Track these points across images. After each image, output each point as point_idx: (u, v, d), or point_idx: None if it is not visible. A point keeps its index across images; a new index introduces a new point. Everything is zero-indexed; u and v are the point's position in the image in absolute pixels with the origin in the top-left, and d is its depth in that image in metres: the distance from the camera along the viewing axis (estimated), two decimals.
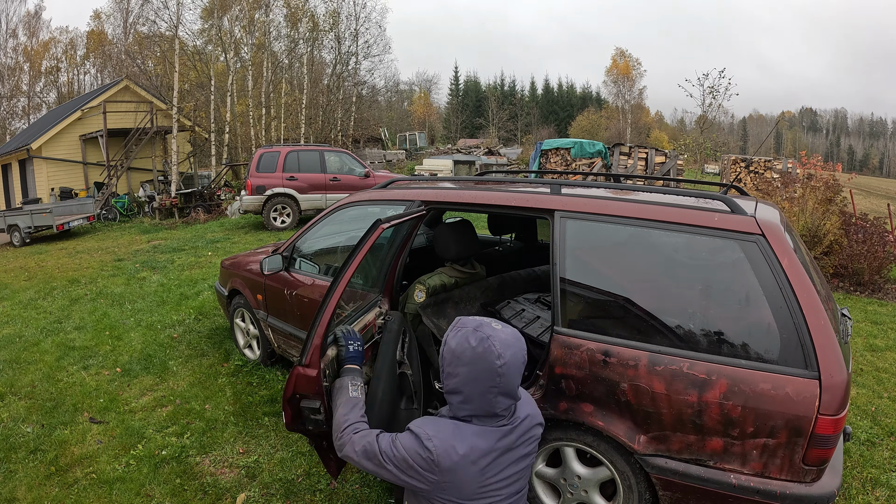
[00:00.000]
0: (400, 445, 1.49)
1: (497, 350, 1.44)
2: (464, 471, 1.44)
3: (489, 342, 1.45)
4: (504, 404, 1.48)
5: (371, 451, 1.56)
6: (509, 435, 1.51)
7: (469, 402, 1.48)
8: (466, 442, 1.45)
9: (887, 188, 35.41)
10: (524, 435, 1.56)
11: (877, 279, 6.88)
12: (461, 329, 1.51)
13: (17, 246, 11.71)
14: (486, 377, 1.44)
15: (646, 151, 16.19)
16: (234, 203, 12.99)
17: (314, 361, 1.97)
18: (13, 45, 38.72)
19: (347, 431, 1.68)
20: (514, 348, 1.48)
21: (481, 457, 1.45)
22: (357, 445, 1.61)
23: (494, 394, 1.45)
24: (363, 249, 2.07)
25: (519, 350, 1.49)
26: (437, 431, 1.47)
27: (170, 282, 7.15)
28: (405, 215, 2.45)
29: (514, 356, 1.46)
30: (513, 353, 1.46)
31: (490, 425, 1.49)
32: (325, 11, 25.55)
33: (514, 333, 1.52)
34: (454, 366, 1.48)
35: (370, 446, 1.56)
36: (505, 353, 1.45)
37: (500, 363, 1.43)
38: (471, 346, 1.46)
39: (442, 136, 53.04)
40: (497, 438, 1.48)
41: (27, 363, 4.55)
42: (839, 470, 2.06)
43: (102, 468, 3.01)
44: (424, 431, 1.48)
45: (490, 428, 1.49)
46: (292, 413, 2.02)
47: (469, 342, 1.47)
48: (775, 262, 1.96)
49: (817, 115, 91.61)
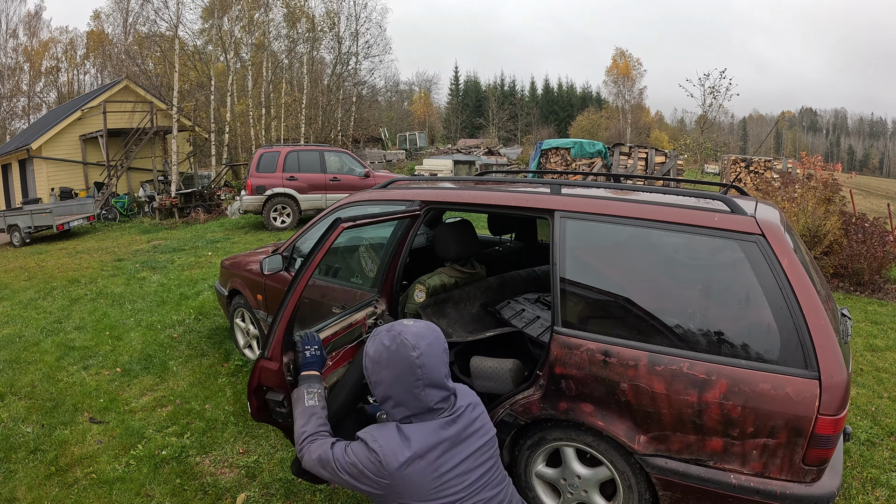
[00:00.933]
0: (351, 452, 1.50)
1: (410, 342, 1.45)
2: (413, 470, 1.42)
3: (401, 337, 1.46)
4: (435, 396, 1.47)
5: (325, 459, 1.56)
6: (453, 425, 1.49)
7: (401, 403, 1.48)
8: (410, 441, 1.44)
9: (887, 188, 35.41)
10: (473, 423, 1.54)
11: (877, 279, 6.88)
12: (376, 336, 1.52)
13: (17, 246, 11.71)
14: (407, 372, 1.44)
15: (646, 151, 16.19)
16: (234, 203, 12.98)
17: (276, 355, 2.01)
18: (13, 45, 38.77)
19: (305, 442, 1.69)
20: (429, 338, 1.49)
21: (428, 451, 1.43)
22: (313, 454, 1.61)
23: (421, 387, 1.45)
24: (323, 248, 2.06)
25: (435, 339, 1.50)
26: (381, 434, 1.47)
27: (170, 282, 7.16)
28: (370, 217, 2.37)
29: (429, 346, 1.47)
30: (428, 342, 1.47)
31: (433, 422, 1.48)
32: (325, 11, 25.59)
33: (427, 325, 1.53)
34: (376, 373, 1.49)
35: (325, 454, 1.57)
36: (419, 344, 1.46)
37: (416, 354, 1.44)
38: (386, 347, 1.47)
39: (442, 136, 53.03)
40: (440, 430, 1.47)
41: (27, 363, 4.55)
42: (839, 470, 2.05)
43: (102, 468, 3.01)
44: (370, 434, 1.49)
45: (436, 427, 1.47)
46: (258, 404, 2.09)
47: (384, 343, 1.48)
48: (775, 262, 1.96)
49: (817, 115, 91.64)
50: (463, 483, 1.46)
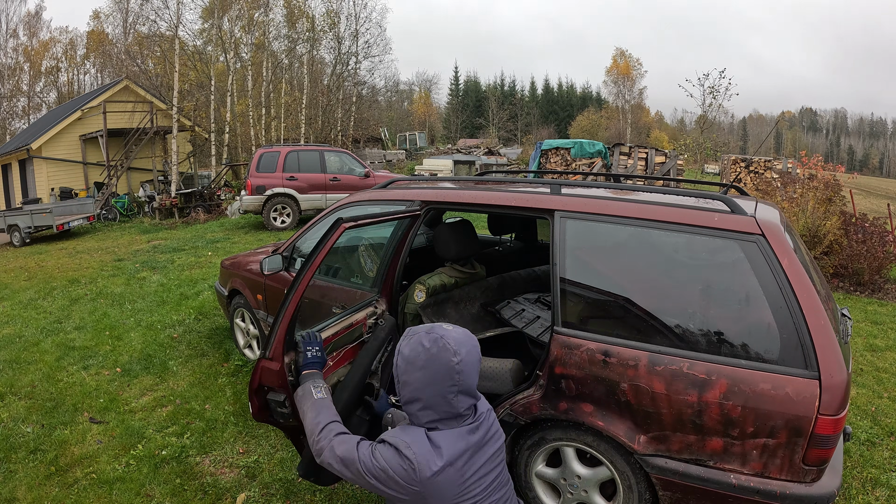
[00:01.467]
0: (380, 456, 1.45)
1: (452, 347, 1.44)
2: (444, 478, 1.41)
3: (443, 341, 1.44)
4: (465, 403, 1.47)
5: (350, 458, 1.51)
6: (476, 431, 1.50)
7: (429, 407, 1.45)
8: (441, 449, 1.42)
9: (887, 188, 35.39)
10: (490, 429, 1.56)
11: (877, 279, 6.88)
12: (413, 335, 1.50)
13: (17, 246, 11.71)
14: (445, 376, 1.43)
15: (646, 151, 16.19)
16: (234, 203, 12.99)
17: (277, 355, 2.00)
18: (13, 45, 38.75)
19: (324, 434, 1.62)
20: (469, 345, 1.48)
21: (457, 458, 1.43)
22: (337, 451, 1.55)
23: (454, 393, 1.44)
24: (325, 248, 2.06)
25: (473, 347, 1.49)
26: (413, 440, 1.44)
27: (170, 282, 7.16)
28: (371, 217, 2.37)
29: (469, 353, 1.46)
30: (468, 350, 1.47)
31: (460, 428, 1.47)
32: (325, 11, 25.58)
33: (465, 332, 1.52)
34: (408, 373, 1.46)
35: (349, 454, 1.51)
36: (461, 350, 1.45)
37: (457, 360, 1.43)
38: (425, 349, 1.44)
39: (442, 136, 53.03)
40: (466, 436, 1.47)
41: (27, 363, 4.55)
42: (839, 470, 2.05)
43: (102, 468, 3.01)
44: (402, 440, 1.44)
45: (463, 433, 1.47)
46: (259, 404, 2.09)
47: (423, 345, 1.45)
48: (775, 262, 1.96)
49: (817, 114, 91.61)
50: (481, 486, 1.49)
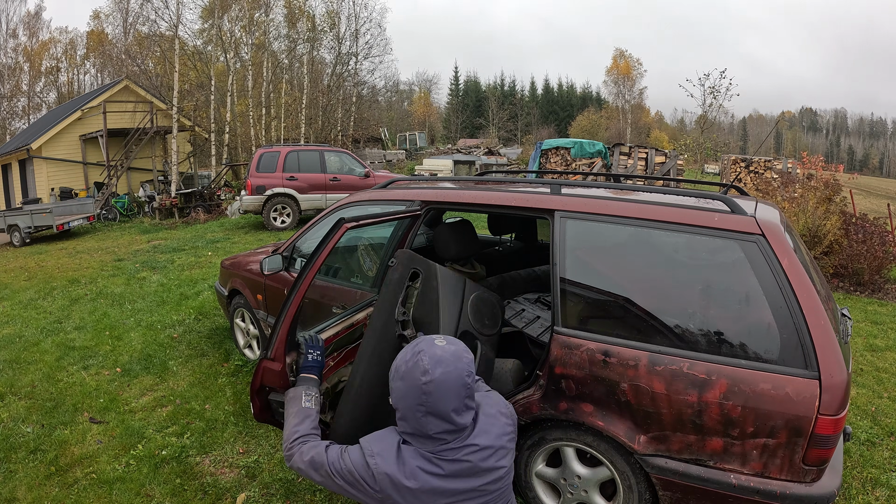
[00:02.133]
0: (348, 458, 1.46)
1: (424, 366, 1.37)
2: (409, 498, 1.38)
3: (418, 357, 1.40)
4: (436, 427, 1.38)
5: (318, 461, 1.51)
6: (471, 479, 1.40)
7: (404, 418, 1.42)
8: (406, 469, 1.38)
9: (887, 188, 35.40)
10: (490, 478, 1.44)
11: (877, 279, 6.88)
12: (410, 344, 1.48)
13: (17, 246, 11.71)
14: (414, 394, 1.37)
15: (646, 151, 16.19)
16: (234, 203, 12.98)
17: (279, 355, 2.00)
18: (13, 45, 38.75)
19: (296, 443, 1.64)
20: (448, 367, 1.38)
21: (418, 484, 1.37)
22: (305, 456, 1.56)
23: (423, 412, 1.37)
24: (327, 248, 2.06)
25: (454, 370, 1.38)
26: (380, 448, 1.43)
27: (170, 282, 7.16)
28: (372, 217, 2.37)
29: (444, 374, 1.36)
30: (444, 370, 1.37)
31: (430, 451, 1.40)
32: (325, 11, 25.59)
33: (454, 352, 1.42)
34: (393, 380, 1.45)
35: (318, 457, 1.52)
36: (434, 370, 1.36)
37: (426, 379, 1.36)
38: (404, 361, 1.42)
39: (442, 136, 53.03)
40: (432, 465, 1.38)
41: (27, 363, 4.55)
42: (839, 470, 2.06)
43: (102, 468, 3.01)
44: (370, 447, 1.44)
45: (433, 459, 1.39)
46: (260, 405, 2.09)
47: (405, 356, 1.43)
48: (775, 262, 1.96)
49: (817, 114, 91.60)
50: None
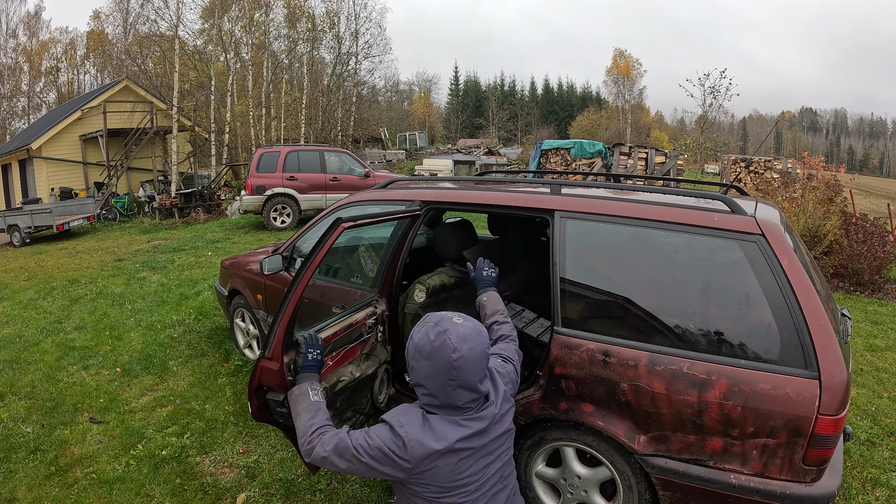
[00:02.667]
0: (374, 435, 1.52)
1: (452, 344, 1.47)
2: (436, 462, 1.47)
3: (445, 336, 1.48)
4: (465, 397, 1.51)
5: (343, 446, 1.56)
6: (482, 436, 1.53)
7: (432, 395, 1.52)
8: (435, 434, 1.48)
9: (887, 188, 35.41)
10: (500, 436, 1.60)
11: (877, 279, 6.88)
12: (424, 324, 1.55)
13: (17, 246, 11.70)
14: (444, 371, 1.47)
15: (646, 151, 16.19)
16: (234, 203, 12.99)
17: (277, 355, 2.01)
18: (13, 45, 38.75)
19: (315, 434, 1.66)
20: (472, 342, 1.50)
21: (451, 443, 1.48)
22: (327, 445, 1.60)
23: (453, 387, 1.48)
24: (324, 248, 2.06)
25: (477, 344, 1.51)
26: (407, 420, 1.52)
27: (170, 282, 7.16)
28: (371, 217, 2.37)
29: (471, 350, 1.49)
30: (469, 346, 1.49)
31: (456, 417, 1.51)
32: (325, 11, 25.58)
33: (474, 328, 1.54)
34: (416, 360, 1.52)
35: (341, 443, 1.57)
36: (461, 347, 1.47)
37: (456, 356, 1.46)
38: (429, 341, 1.50)
39: (442, 136, 53.03)
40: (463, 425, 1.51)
41: (27, 363, 4.55)
42: (839, 470, 2.05)
43: (102, 468, 3.01)
44: (396, 419, 1.53)
45: (459, 422, 1.51)
46: (258, 404, 2.09)
47: (428, 336, 1.51)
48: (775, 262, 1.96)
49: (817, 114, 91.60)
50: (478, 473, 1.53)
